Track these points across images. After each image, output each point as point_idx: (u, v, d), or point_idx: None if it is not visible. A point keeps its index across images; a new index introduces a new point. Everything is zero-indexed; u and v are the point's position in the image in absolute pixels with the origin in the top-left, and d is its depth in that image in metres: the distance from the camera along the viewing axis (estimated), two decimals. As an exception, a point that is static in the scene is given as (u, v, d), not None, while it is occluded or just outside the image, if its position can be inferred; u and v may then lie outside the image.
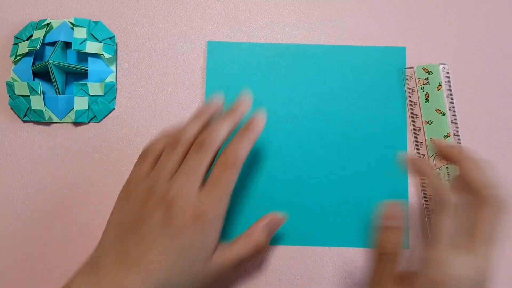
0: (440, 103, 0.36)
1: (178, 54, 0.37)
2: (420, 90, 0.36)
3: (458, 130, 0.35)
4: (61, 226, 0.35)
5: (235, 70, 0.36)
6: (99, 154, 0.36)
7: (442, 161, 0.35)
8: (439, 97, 0.36)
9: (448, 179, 0.35)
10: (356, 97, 0.36)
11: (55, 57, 0.34)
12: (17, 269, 0.35)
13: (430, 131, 0.35)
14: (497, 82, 0.37)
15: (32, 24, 0.36)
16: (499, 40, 0.38)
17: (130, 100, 0.37)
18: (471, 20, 0.38)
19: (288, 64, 0.37)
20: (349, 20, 0.38)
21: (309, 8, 0.38)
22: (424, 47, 0.37)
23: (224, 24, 0.38)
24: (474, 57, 0.37)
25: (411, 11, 0.38)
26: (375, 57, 0.37)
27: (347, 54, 0.37)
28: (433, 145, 0.34)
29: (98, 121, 0.36)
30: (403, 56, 0.37)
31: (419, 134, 0.36)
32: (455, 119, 0.36)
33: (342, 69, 0.36)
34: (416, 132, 0.36)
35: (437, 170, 0.35)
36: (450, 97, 0.36)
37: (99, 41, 0.36)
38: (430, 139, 0.35)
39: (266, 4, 0.38)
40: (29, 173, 0.35)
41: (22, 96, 0.35)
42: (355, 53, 0.37)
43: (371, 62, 0.36)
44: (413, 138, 0.36)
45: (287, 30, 0.38)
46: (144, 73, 0.37)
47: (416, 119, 0.36)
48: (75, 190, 0.35)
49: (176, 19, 0.38)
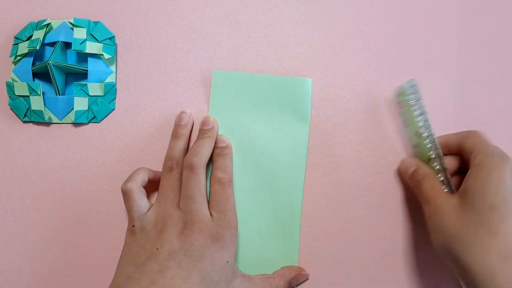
0: (416, 125, 0.33)
1: (178, 54, 0.37)
2: (402, 115, 0.35)
3: (438, 150, 0.32)
4: (61, 226, 0.35)
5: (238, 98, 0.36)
6: (99, 155, 0.36)
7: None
8: (413, 118, 0.33)
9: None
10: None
11: (55, 57, 0.34)
12: (17, 268, 0.34)
13: (419, 155, 0.34)
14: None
15: (32, 25, 0.36)
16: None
17: (130, 100, 0.36)
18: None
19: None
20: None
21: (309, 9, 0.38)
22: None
23: (224, 25, 0.37)
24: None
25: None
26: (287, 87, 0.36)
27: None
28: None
29: (98, 122, 0.36)
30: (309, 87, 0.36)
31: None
32: (432, 139, 0.32)
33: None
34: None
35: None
36: (424, 114, 0.33)
37: (99, 41, 0.36)
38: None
39: (266, 4, 0.38)
40: (29, 174, 0.35)
41: (22, 97, 0.35)
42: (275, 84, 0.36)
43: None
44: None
45: (287, 30, 0.37)
46: (144, 73, 0.37)
47: (408, 144, 0.35)
48: (75, 190, 0.35)
49: (176, 19, 0.37)
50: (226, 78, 0.36)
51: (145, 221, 0.30)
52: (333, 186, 0.36)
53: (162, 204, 0.31)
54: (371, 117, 0.36)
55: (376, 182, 0.36)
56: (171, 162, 0.32)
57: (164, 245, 0.29)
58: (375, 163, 0.36)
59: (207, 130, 0.34)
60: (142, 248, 0.29)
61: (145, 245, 0.29)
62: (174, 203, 0.31)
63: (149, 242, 0.29)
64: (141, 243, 0.29)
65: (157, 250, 0.28)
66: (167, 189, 0.32)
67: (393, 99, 0.36)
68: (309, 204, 0.36)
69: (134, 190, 0.31)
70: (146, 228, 0.30)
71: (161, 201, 0.31)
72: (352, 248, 0.35)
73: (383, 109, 0.37)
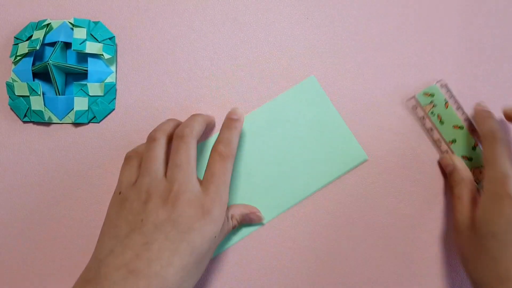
0: (455, 119, 0.35)
1: (178, 54, 0.37)
2: (431, 115, 0.36)
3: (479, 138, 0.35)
4: (61, 226, 0.35)
5: None
6: (99, 155, 0.36)
7: (481, 173, 0.34)
8: (451, 113, 0.35)
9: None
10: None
11: (55, 57, 0.34)
12: (16, 269, 0.34)
13: (458, 149, 0.35)
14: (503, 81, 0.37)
15: (32, 25, 0.36)
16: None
17: (130, 100, 0.36)
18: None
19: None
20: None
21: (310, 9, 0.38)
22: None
23: (224, 25, 0.37)
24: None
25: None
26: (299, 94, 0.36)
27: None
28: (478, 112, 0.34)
29: (98, 122, 0.36)
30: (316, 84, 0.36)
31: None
32: (474, 128, 0.35)
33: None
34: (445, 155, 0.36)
35: (480, 182, 0.34)
36: (461, 108, 0.36)
37: (99, 41, 0.36)
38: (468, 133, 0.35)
39: (266, 4, 0.38)
40: (29, 174, 0.35)
41: (22, 97, 0.35)
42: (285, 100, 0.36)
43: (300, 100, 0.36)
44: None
45: (287, 30, 0.37)
46: (144, 73, 0.37)
47: (440, 143, 0.36)
48: (75, 190, 0.35)
49: (176, 19, 0.37)
50: (250, 122, 0.36)
51: (131, 191, 0.28)
52: (333, 185, 0.36)
53: (146, 175, 0.28)
54: (371, 117, 0.36)
55: (375, 182, 0.36)
56: (154, 133, 0.30)
57: (149, 216, 0.26)
58: (375, 163, 0.36)
59: (234, 120, 0.32)
60: (125, 219, 0.27)
61: (128, 216, 0.27)
62: (159, 173, 0.28)
63: (132, 213, 0.27)
64: (124, 214, 0.27)
65: (142, 222, 0.26)
66: (152, 159, 0.29)
67: (410, 103, 0.36)
68: (307, 199, 0.36)
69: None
70: (130, 199, 0.27)
71: (145, 172, 0.28)
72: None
73: (383, 109, 0.37)
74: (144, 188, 0.28)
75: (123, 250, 0.25)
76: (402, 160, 0.36)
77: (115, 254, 0.25)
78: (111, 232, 0.27)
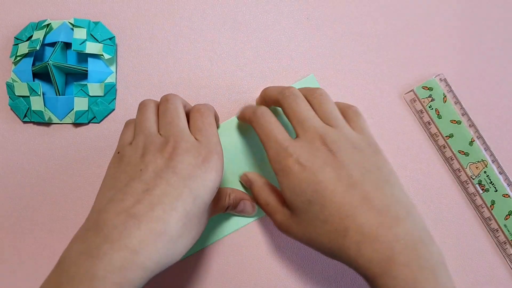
0: (452, 114, 0.35)
1: (178, 54, 0.37)
2: (429, 109, 0.36)
3: (479, 131, 0.35)
4: (61, 227, 0.35)
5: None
6: (99, 155, 0.36)
7: (478, 169, 0.35)
8: (449, 108, 0.36)
9: (490, 183, 0.35)
10: None
11: (55, 57, 0.34)
12: (17, 269, 0.34)
13: (455, 144, 0.35)
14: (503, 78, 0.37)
15: (32, 25, 0.36)
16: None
17: (130, 100, 0.36)
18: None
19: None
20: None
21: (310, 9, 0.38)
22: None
23: (224, 25, 0.37)
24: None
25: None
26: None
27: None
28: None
29: (98, 122, 0.36)
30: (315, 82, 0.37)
31: (445, 151, 0.36)
32: (472, 123, 0.35)
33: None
34: (442, 150, 0.36)
35: (476, 177, 0.35)
36: (459, 103, 0.36)
37: (99, 41, 0.36)
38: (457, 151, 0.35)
39: (266, 4, 0.38)
40: (29, 174, 0.35)
41: (22, 97, 0.35)
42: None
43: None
44: (442, 156, 0.36)
45: (287, 30, 0.37)
46: (144, 73, 0.37)
47: (437, 137, 0.36)
48: (75, 190, 0.35)
49: (176, 19, 0.37)
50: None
51: (128, 149, 0.28)
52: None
53: (141, 134, 0.28)
54: (371, 117, 0.36)
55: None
56: (143, 101, 0.31)
57: (149, 165, 0.26)
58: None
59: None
60: (124, 171, 0.26)
61: (126, 168, 0.26)
62: (153, 130, 0.28)
63: (130, 165, 0.26)
64: (122, 167, 0.27)
65: (141, 171, 0.25)
66: (144, 119, 0.29)
67: (408, 97, 0.36)
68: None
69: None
70: (127, 154, 0.27)
71: (139, 131, 0.28)
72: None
73: (382, 109, 0.37)
74: (141, 144, 0.27)
75: (124, 197, 0.24)
76: (402, 160, 0.36)
77: (115, 201, 0.24)
78: (110, 184, 0.26)
